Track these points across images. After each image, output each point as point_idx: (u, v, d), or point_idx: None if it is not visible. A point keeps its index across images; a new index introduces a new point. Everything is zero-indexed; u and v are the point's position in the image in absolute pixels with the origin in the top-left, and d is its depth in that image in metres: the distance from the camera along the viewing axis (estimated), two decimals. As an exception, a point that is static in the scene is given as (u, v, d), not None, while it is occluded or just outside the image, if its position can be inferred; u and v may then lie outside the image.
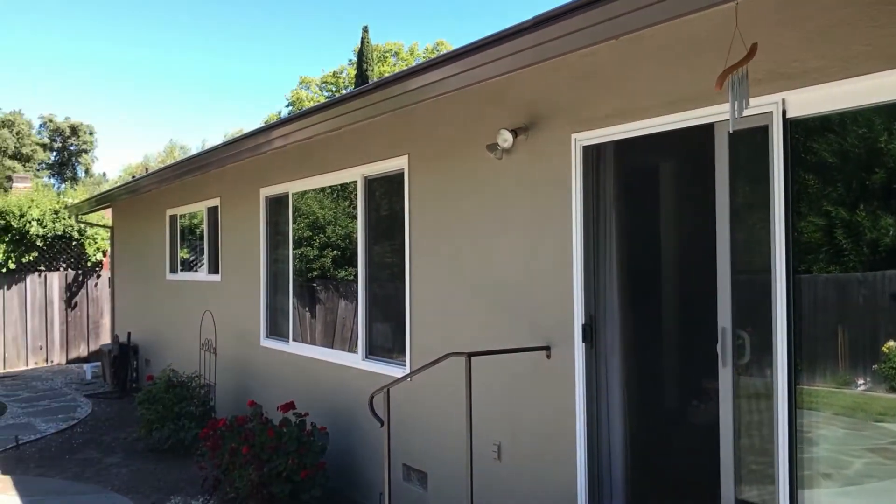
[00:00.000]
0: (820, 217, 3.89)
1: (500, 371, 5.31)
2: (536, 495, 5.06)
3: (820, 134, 3.86)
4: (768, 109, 3.75)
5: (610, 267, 4.86)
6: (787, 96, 3.69)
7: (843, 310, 4.06)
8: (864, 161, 3.86)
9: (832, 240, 3.93)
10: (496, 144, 5.22)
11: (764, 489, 3.93)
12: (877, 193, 3.87)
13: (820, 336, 3.88)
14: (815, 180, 3.93)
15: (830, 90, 3.52)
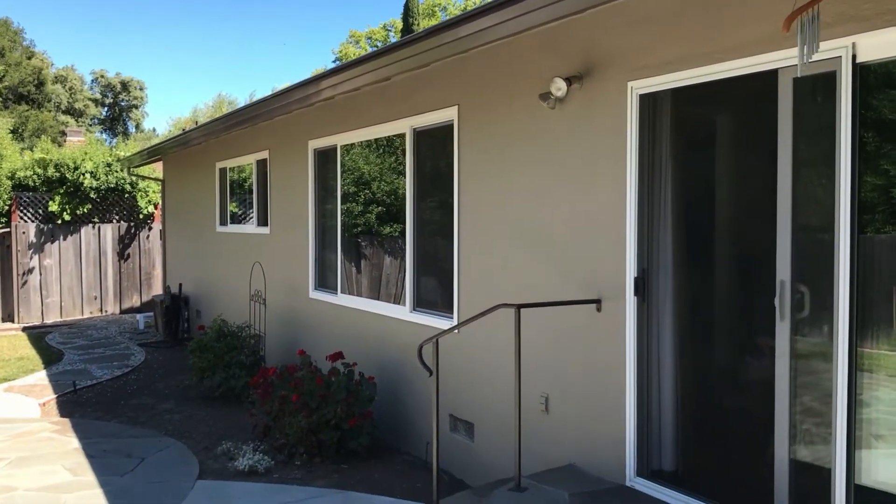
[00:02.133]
0: (878, 176, 3.75)
1: (549, 324, 5.28)
2: (584, 449, 5.04)
3: (880, 90, 3.70)
4: (837, 54, 3.59)
5: (664, 219, 4.76)
6: (858, 40, 3.52)
7: None
8: None
9: (889, 199, 3.79)
10: (549, 93, 5.11)
11: (819, 450, 3.85)
12: None
13: (875, 298, 3.76)
14: (874, 137, 3.78)
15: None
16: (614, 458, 4.80)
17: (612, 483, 4.75)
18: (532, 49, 5.46)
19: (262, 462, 6.55)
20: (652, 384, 4.76)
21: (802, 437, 3.95)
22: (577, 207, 5.10)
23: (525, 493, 4.62)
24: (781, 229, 3.95)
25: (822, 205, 3.83)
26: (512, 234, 5.70)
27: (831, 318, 3.71)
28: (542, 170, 5.39)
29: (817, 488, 3.78)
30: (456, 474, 6.33)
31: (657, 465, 4.77)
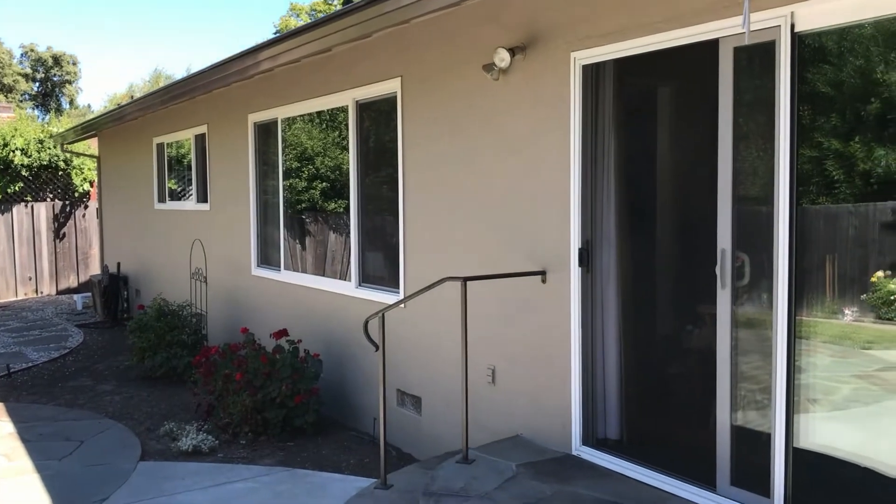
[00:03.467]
0: (811, 149, 3.82)
1: (496, 296, 5.27)
2: (530, 419, 5.08)
3: (815, 62, 3.76)
4: (776, 23, 3.62)
5: (608, 190, 4.78)
6: (797, 9, 3.55)
7: (833, 241, 4.02)
8: (859, 92, 3.77)
9: (823, 171, 3.87)
10: (493, 64, 5.06)
11: (760, 415, 3.94)
12: (871, 125, 3.79)
13: (810, 267, 3.84)
14: (808, 111, 3.85)
15: (842, 1, 3.39)
16: (560, 428, 4.84)
17: (558, 452, 4.79)
18: (475, 19, 5.40)
19: (207, 442, 6.44)
20: (597, 354, 4.81)
21: (743, 403, 4.03)
22: (522, 179, 5.08)
23: (472, 464, 4.64)
24: (722, 199, 3.99)
25: (761, 175, 3.88)
26: (458, 207, 5.66)
27: (771, 286, 3.78)
28: (488, 142, 5.36)
29: (758, 452, 3.86)
30: (404, 449, 6.32)
31: (602, 434, 4.83)
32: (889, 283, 3.83)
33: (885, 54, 3.63)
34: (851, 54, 3.72)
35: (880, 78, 3.70)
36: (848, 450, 3.83)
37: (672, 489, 4.19)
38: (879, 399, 3.96)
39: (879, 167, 3.79)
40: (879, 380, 4.04)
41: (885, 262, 3.92)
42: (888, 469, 3.68)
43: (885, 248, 3.96)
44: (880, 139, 3.75)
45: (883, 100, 3.70)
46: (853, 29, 3.62)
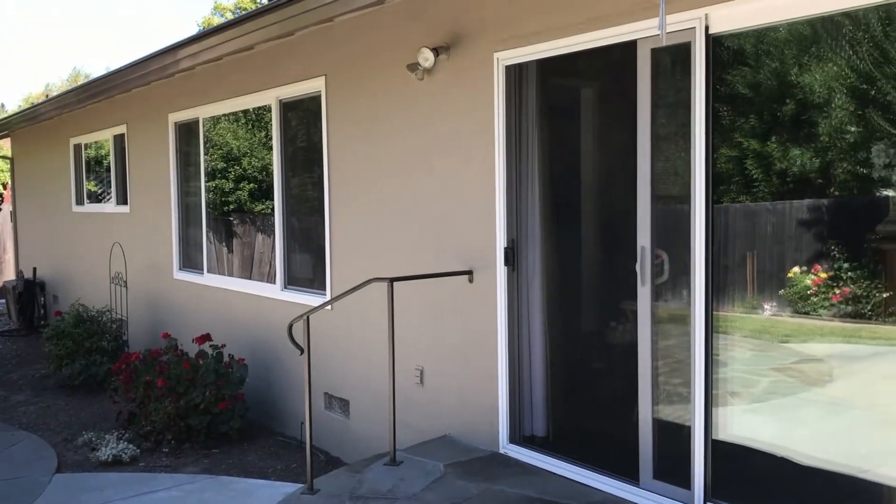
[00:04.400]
0: (732, 149, 3.92)
1: (423, 297, 5.26)
2: (459, 419, 5.08)
3: (733, 64, 3.86)
4: (691, 25, 3.70)
5: (532, 190, 4.82)
6: (711, 11, 3.64)
7: (752, 238, 4.14)
8: (775, 93, 3.89)
9: (743, 170, 3.98)
10: (417, 64, 5.05)
11: (680, 409, 4.02)
12: (787, 125, 3.92)
13: (731, 263, 3.94)
14: (729, 112, 3.95)
15: (753, 5, 3.48)
16: (488, 427, 4.86)
17: (485, 451, 4.80)
18: (400, 18, 5.38)
19: (128, 451, 6.24)
20: (523, 352, 4.84)
21: (665, 398, 4.11)
22: (448, 179, 5.08)
23: (400, 466, 4.61)
24: (641, 198, 4.06)
25: (679, 175, 3.96)
26: (385, 208, 5.63)
27: (688, 283, 3.86)
28: (413, 141, 5.34)
29: (679, 445, 3.94)
30: (332, 452, 6.25)
31: (530, 431, 4.87)
32: (805, 279, 3.96)
33: (798, 57, 3.75)
34: (768, 57, 3.84)
35: (794, 80, 3.83)
36: (766, 440, 3.94)
37: (597, 484, 4.24)
38: (796, 391, 4.10)
39: (795, 166, 3.91)
40: (796, 372, 4.17)
41: (802, 257, 4.05)
42: (802, 458, 3.80)
43: (801, 245, 4.09)
44: (795, 139, 3.88)
45: (797, 101, 3.83)
46: (769, 32, 3.73)
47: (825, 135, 3.81)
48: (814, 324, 4.07)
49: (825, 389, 4.08)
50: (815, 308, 3.99)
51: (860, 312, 3.84)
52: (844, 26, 3.54)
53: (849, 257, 3.84)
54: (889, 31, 3.37)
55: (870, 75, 3.50)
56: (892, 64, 3.35)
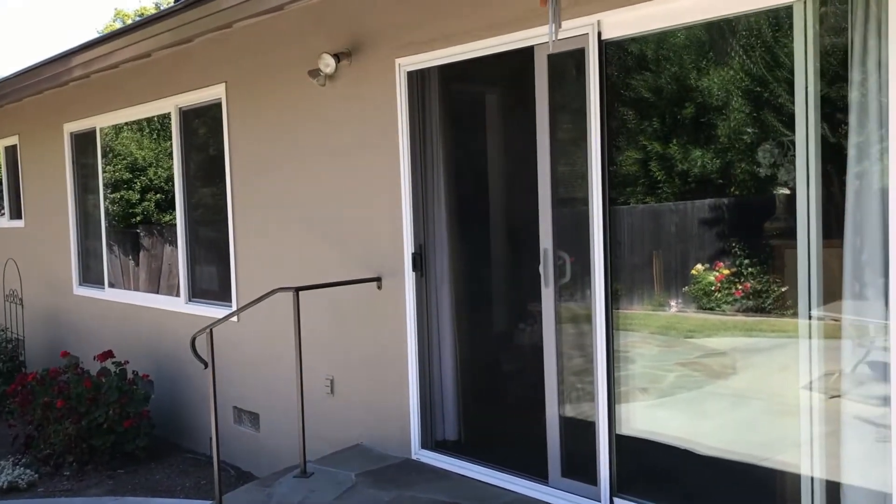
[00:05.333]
0: (637, 151, 4.03)
1: (332, 305, 5.21)
2: (371, 427, 5.04)
3: (637, 71, 3.97)
4: (585, 31, 3.78)
5: (438, 195, 4.84)
6: (603, 17, 3.72)
7: (658, 238, 4.26)
8: (676, 97, 4.02)
9: (648, 172, 4.09)
10: (318, 70, 5.00)
11: (585, 406, 4.10)
12: (687, 128, 4.05)
13: (638, 263, 4.04)
14: (633, 115, 4.06)
15: (644, 11, 3.58)
16: (400, 433, 4.84)
17: (398, 458, 4.79)
18: (300, 24, 5.32)
19: (25, 476, 5.96)
20: (433, 357, 4.85)
21: (571, 396, 4.18)
22: (354, 186, 5.05)
23: (311, 477, 4.54)
24: (543, 201, 4.13)
25: (578, 178, 4.04)
26: (290, 216, 5.55)
27: (590, 283, 3.94)
28: (319, 149, 5.29)
29: (586, 442, 4.02)
30: (244, 467, 6.12)
31: (442, 436, 4.88)
32: (708, 276, 4.09)
33: (697, 62, 3.88)
34: (668, 62, 3.95)
35: (694, 84, 3.96)
36: (672, 434, 4.06)
37: (508, 485, 4.28)
38: (701, 384, 4.23)
39: (696, 167, 4.04)
40: (701, 366, 4.31)
41: (704, 255, 4.18)
42: (707, 449, 3.93)
43: (703, 243, 4.23)
44: (696, 141, 4.01)
45: (697, 104, 3.97)
46: (668, 38, 3.84)
47: (724, 136, 3.95)
48: (718, 319, 4.21)
49: (728, 382, 4.23)
50: (719, 304, 4.13)
51: (760, 307, 3.99)
52: (738, 31, 3.69)
53: (749, 254, 3.98)
54: (779, 36, 3.52)
55: (763, 78, 3.65)
56: (783, 67, 3.50)
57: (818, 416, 3.39)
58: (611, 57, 3.83)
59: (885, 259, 2.96)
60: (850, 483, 3.26)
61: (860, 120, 3.11)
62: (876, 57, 3.00)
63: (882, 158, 2.96)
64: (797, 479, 3.46)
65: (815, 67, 3.26)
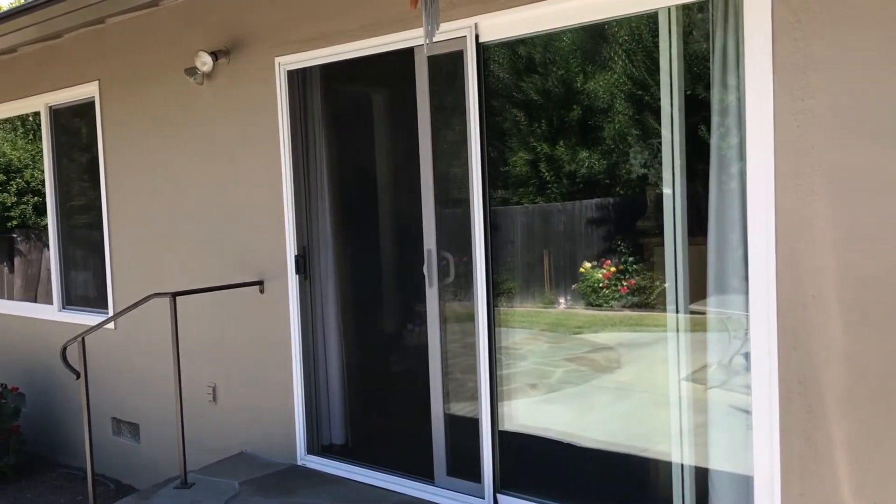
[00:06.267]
0: (528, 152, 4.08)
1: (213, 310, 5.06)
2: (255, 434, 4.93)
3: (527, 74, 4.03)
4: (462, 34, 3.81)
5: (322, 196, 4.78)
6: (480, 20, 3.76)
7: (548, 237, 4.34)
8: (563, 100, 4.10)
9: (538, 173, 4.16)
10: (195, 68, 4.86)
11: (469, 403, 4.13)
12: (574, 129, 4.14)
13: (529, 261, 4.09)
14: (523, 117, 4.11)
15: (519, 15, 3.64)
16: (285, 439, 4.76)
17: (283, 464, 4.70)
18: (177, 21, 5.15)
19: None
20: (319, 360, 4.78)
21: (455, 394, 4.21)
22: (235, 187, 4.93)
23: (192, 488, 4.40)
24: (426, 202, 4.13)
25: (460, 178, 4.07)
26: (170, 219, 5.37)
27: (472, 282, 3.97)
28: (198, 149, 5.13)
29: (469, 439, 4.05)
30: (124, 480, 5.88)
31: (328, 440, 4.82)
32: (596, 273, 4.19)
33: (583, 65, 3.96)
34: (555, 65, 4.03)
35: (580, 87, 4.04)
36: (559, 428, 4.14)
37: (394, 487, 4.27)
38: (587, 379, 4.33)
39: (584, 168, 4.13)
40: (587, 361, 4.41)
41: (592, 253, 4.28)
42: (590, 442, 4.03)
43: (591, 241, 4.33)
44: (583, 143, 4.09)
45: (584, 107, 4.05)
46: (554, 42, 3.91)
47: (609, 138, 4.05)
48: (605, 315, 4.32)
49: (613, 376, 4.35)
50: (606, 300, 4.23)
51: (644, 302, 4.11)
52: (621, 36, 3.80)
53: (633, 252, 4.10)
54: (658, 41, 3.64)
55: (644, 82, 3.76)
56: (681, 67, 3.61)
57: (695, 406, 3.53)
58: (498, 59, 3.88)
59: (745, 255, 3.11)
60: (718, 469, 3.41)
61: (722, 121, 3.26)
62: (735, 61, 3.15)
63: (741, 158, 3.11)
64: (671, 467, 3.59)
65: (680, 71, 3.39)
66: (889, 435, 2.76)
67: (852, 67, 2.75)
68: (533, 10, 3.53)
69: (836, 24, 2.78)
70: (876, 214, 2.74)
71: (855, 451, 2.84)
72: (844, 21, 2.76)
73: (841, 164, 2.80)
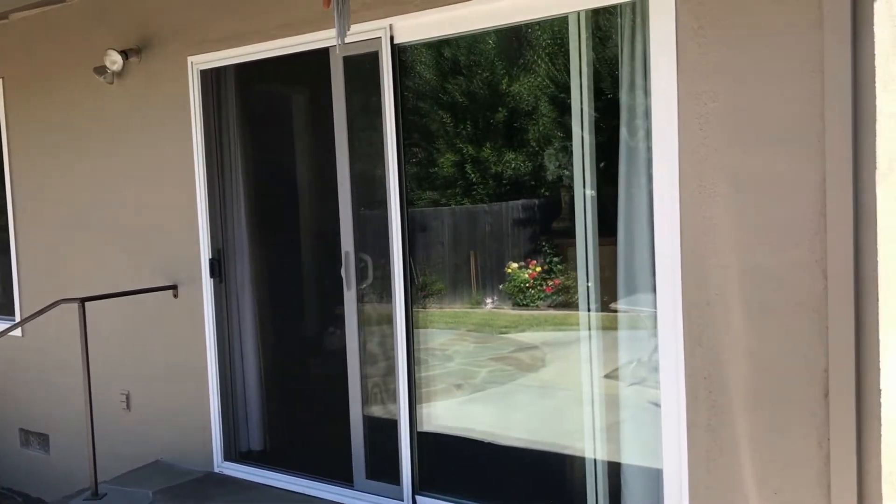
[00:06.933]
0: (454, 154, 4.10)
1: (126, 316, 4.93)
2: (171, 442, 4.82)
3: (452, 76, 4.05)
4: (377, 35, 3.81)
5: (238, 198, 4.70)
6: (395, 21, 3.76)
7: (475, 237, 4.36)
8: (488, 102, 4.13)
9: (464, 174, 4.17)
10: (105, 67, 4.72)
11: (388, 405, 4.13)
12: (501, 131, 4.17)
13: (457, 262, 4.11)
14: (449, 119, 4.12)
15: (433, 16, 3.65)
16: (202, 447, 4.66)
17: (200, 472, 4.61)
18: (86, 18, 5.00)
19: None
20: (236, 365, 4.70)
21: (374, 397, 4.19)
22: (147, 189, 4.81)
23: (104, 499, 4.28)
24: (343, 204, 4.12)
25: (377, 180, 4.06)
26: (81, 222, 5.20)
27: (390, 284, 3.97)
28: (108, 149, 4.99)
29: (388, 440, 4.04)
30: (33, 493, 5.66)
31: (246, 447, 4.74)
32: (522, 273, 4.23)
33: (508, 68, 3.99)
34: (479, 67, 4.05)
35: (505, 89, 4.07)
36: (483, 428, 4.16)
37: (313, 492, 4.23)
38: (512, 378, 4.35)
39: (510, 169, 4.16)
40: (513, 360, 4.44)
41: (518, 253, 4.31)
42: (512, 441, 4.06)
43: (517, 242, 4.36)
44: (509, 144, 4.13)
45: (509, 109, 4.08)
46: (478, 44, 3.93)
47: (533, 140, 4.10)
48: (531, 314, 4.36)
49: (538, 374, 4.38)
50: (532, 300, 4.27)
51: (569, 301, 4.17)
52: (543, 39, 3.84)
53: (557, 251, 4.15)
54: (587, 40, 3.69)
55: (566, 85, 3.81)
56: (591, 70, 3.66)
57: (613, 402, 3.60)
58: (424, 60, 3.89)
59: (652, 254, 3.19)
60: (632, 463, 3.49)
61: (631, 124, 3.33)
62: (643, 65, 3.23)
63: (649, 160, 3.19)
64: (585, 463, 3.65)
65: (590, 75, 3.46)
66: (789, 427, 2.87)
67: (751, 73, 2.86)
68: (446, 12, 3.56)
69: (736, 31, 2.88)
70: (773, 215, 2.85)
71: (758, 444, 2.95)
72: (744, 28, 2.86)
73: (741, 166, 2.90)
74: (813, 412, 2.82)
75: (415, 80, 4.02)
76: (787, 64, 2.79)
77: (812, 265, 2.79)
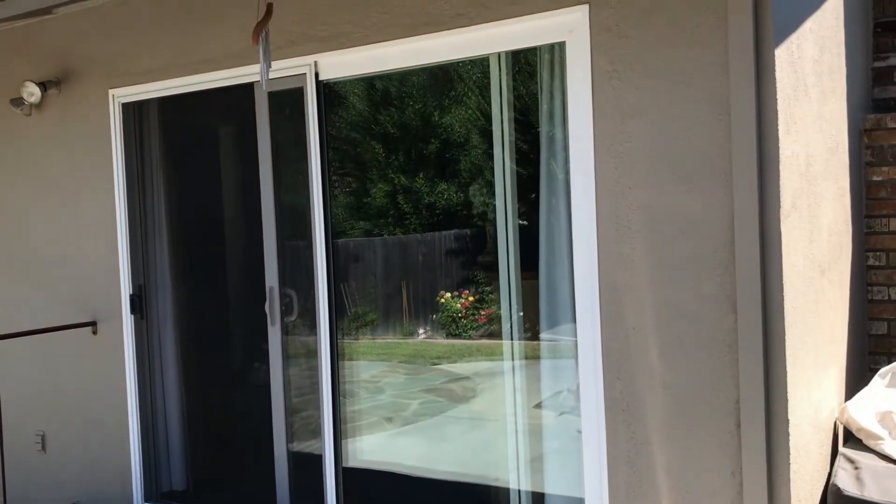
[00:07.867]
0: (386, 184, 4.11)
1: (42, 354, 4.78)
2: (89, 484, 4.67)
3: (384, 107, 4.09)
4: (302, 71, 3.83)
5: (160, 233, 4.63)
6: (320, 59, 3.79)
7: (407, 268, 4.37)
8: (420, 133, 4.18)
9: (396, 204, 4.19)
10: (22, 99, 4.62)
11: (313, 441, 4.09)
12: (433, 162, 4.21)
13: (388, 293, 4.10)
14: (381, 150, 4.15)
15: (357, 55, 3.69)
16: (121, 489, 4.53)
17: (119, 515, 4.47)
18: (3, 49, 4.88)
19: None
20: (157, 404, 4.60)
21: (301, 432, 4.15)
22: (66, 224, 4.69)
23: (15, 547, 4.10)
24: (268, 238, 4.09)
25: (301, 214, 4.05)
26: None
27: (315, 319, 3.95)
28: (26, 183, 4.86)
29: (313, 476, 3.99)
30: (-60, 543, 5.39)
31: (168, 487, 4.63)
32: (455, 303, 4.24)
33: (440, 99, 4.05)
34: (412, 99, 4.09)
35: (437, 120, 4.12)
36: (409, 463, 4.14)
37: (236, 531, 4.14)
38: (443, 409, 4.35)
39: (443, 200, 4.20)
40: (445, 391, 4.44)
41: (451, 283, 4.33)
42: (440, 474, 4.05)
43: (450, 272, 4.38)
44: (442, 175, 4.17)
45: (441, 140, 4.13)
46: (411, 77, 3.97)
47: (465, 171, 4.15)
48: (463, 344, 4.38)
49: (469, 405, 4.39)
50: (465, 330, 4.29)
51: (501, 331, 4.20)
52: (474, 74, 3.90)
53: (488, 281, 4.19)
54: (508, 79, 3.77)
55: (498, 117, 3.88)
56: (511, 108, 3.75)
57: (540, 433, 3.64)
58: (357, 92, 3.92)
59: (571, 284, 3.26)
60: (556, 493, 3.53)
61: (550, 160, 3.42)
62: (561, 104, 3.33)
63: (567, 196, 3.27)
64: (510, 494, 3.68)
65: (510, 115, 3.55)
66: (705, 458, 2.95)
67: (663, 115, 2.97)
68: (368, 51, 3.61)
69: (649, 75, 2.99)
70: (686, 251, 2.95)
71: (675, 474, 3.02)
72: (656, 72, 2.97)
73: (655, 204, 3.00)
74: (726, 443, 2.91)
75: (347, 112, 4.05)
76: (697, 106, 2.90)
77: (723, 300, 2.89)
